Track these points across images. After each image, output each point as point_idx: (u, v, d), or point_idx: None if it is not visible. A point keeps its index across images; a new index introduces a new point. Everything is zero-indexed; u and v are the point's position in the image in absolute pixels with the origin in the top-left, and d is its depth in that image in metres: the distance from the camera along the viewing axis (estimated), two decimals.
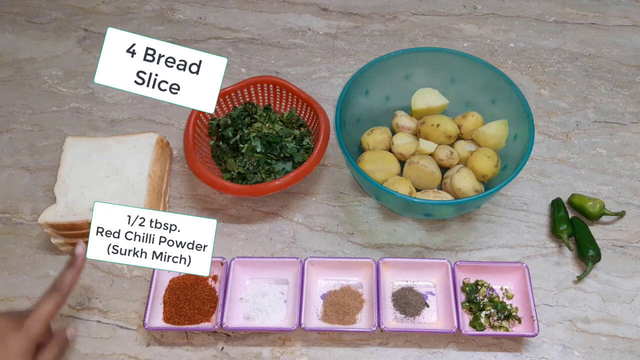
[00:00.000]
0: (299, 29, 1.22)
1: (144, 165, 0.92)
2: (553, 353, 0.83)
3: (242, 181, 0.94)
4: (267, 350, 0.83)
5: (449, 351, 0.83)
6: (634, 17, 1.23)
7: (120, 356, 0.83)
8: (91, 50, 1.19)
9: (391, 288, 0.87)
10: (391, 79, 0.98)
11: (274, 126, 0.97)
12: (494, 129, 0.94)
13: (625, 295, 0.88)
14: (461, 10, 1.25)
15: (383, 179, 0.92)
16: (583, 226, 0.92)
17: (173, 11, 1.26)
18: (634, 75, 1.14)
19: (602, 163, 1.02)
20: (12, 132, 1.07)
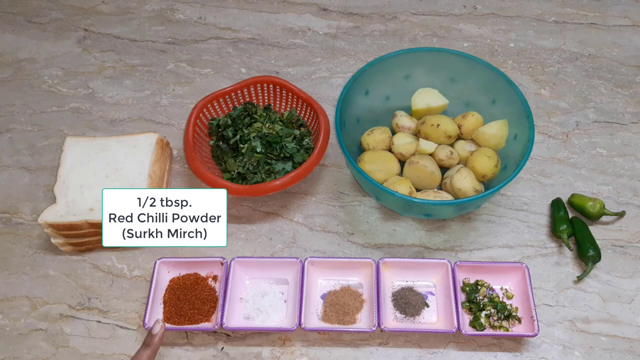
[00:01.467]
0: (299, 29, 1.22)
1: (144, 165, 0.92)
2: (553, 353, 0.83)
3: (242, 181, 0.94)
4: (267, 350, 0.83)
5: (449, 351, 0.83)
6: (634, 17, 1.23)
7: (120, 356, 0.83)
8: (91, 50, 1.19)
9: (391, 288, 0.87)
10: (391, 79, 0.98)
11: (274, 126, 0.97)
12: (494, 129, 0.94)
13: (625, 295, 0.88)
14: (461, 10, 1.25)
15: (383, 179, 0.92)
16: (583, 226, 0.92)
17: (173, 11, 1.26)
18: (634, 75, 1.14)
19: (602, 163, 1.02)
20: (12, 132, 1.07)
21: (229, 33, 1.22)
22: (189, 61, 1.17)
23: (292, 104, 1.02)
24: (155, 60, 1.17)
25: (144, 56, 1.18)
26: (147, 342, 0.72)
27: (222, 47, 1.19)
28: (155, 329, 0.72)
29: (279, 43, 1.20)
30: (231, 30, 1.23)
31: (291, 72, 1.15)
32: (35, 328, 0.86)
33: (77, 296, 0.88)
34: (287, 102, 1.03)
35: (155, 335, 0.72)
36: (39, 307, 0.87)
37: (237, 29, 1.23)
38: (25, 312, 0.87)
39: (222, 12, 1.26)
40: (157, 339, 0.72)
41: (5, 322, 0.86)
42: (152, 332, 0.72)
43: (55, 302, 0.88)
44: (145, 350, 0.71)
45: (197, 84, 1.14)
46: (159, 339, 0.72)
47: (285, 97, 1.02)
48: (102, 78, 1.15)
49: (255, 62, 1.17)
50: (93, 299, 0.88)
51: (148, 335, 0.73)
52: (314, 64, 1.16)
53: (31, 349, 0.84)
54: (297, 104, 1.01)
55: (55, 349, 0.84)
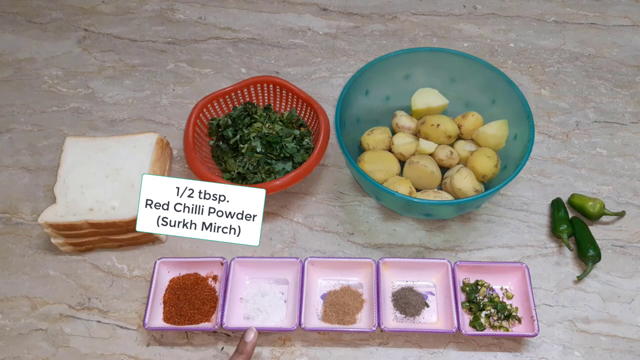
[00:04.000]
0: (299, 29, 1.22)
1: (144, 165, 0.92)
2: (553, 353, 0.83)
3: (242, 181, 0.94)
4: (267, 350, 0.83)
5: (449, 351, 0.83)
6: (634, 17, 1.23)
7: (120, 356, 0.83)
8: (91, 50, 1.19)
9: (391, 288, 0.87)
10: (391, 79, 0.98)
11: (274, 126, 0.97)
12: (494, 129, 0.94)
13: (625, 295, 0.88)
14: (461, 10, 1.25)
15: (383, 179, 0.92)
16: (583, 226, 0.92)
17: (173, 11, 1.26)
18: (634, 75, 1.13)
19: (602, 163, 1.02)
20: (12, 132, 1.07)
21: (229, 33, 1.22)
22: (189, 61, 1.17)
23: (292, 104, 1.02)
24: (155, 60, 1.17)
25: (144, 56, 1.18)
26: (240, 349, 0.73)
27: (222, 47, 1.19)
28: (249, 336, 0.73)
29: (279, 43, 1.20)
30: (231, 30, 1.23)
31: (291, 72, 1.15)
32: (35, 328, 0.86)
33: (77, 296, 0.88)
34: (287, 102, 1.03)
35: (248, 342, 0.73)
36: (39, 307, 0.88)
37: (237, 29, 1.23)
38: (25, 312, 0.87)
39: (222, 12, 1.26)
40: (249, 346, 0.73)
41: (5, 322, 0.86)
42: (245, 339, 0.73)
43: (55, 302, 0.88)
44: (238, 358, 0.73)
45: (197, 84, 1.14)
46: (251, 346, 0.73)
47: (285, 97, 1.02)
48: (102, 78, 1.15)
49: (255, 62, 1.17)
50: (93, 299, 0.88)
51: (241, 343, 0.73)
52: (314, 64, 1.16)
53: (31, 349, 0.84)
54: (297, 104, 1.01)
55: (55, 349, 0.84)
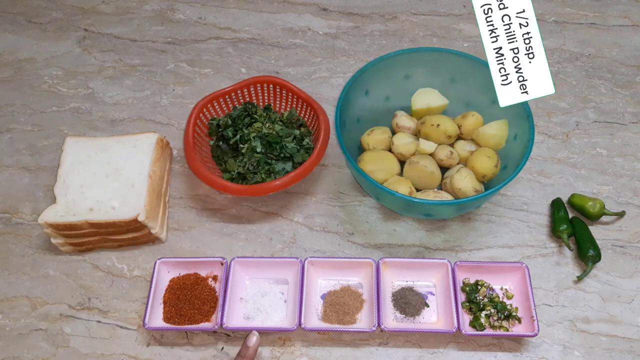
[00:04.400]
0: (299, 29, 1.22)
1: (144, 165, 0.92)
2: (553, 353, 0.83)
3: (242, 181, 0.94)
4: (267, 350, 0.83)
5: (449, 351, 0.83)
6: (634, 17, 1.23)
7: (120, 356, 0.83)
8: (91, 50, 1.19)
9: (391, 288, 0.87)
10: (391, 79, 0.98)
11: (274, 126, 0.97)
12: (494, 129, 0.94)
13: (625, 295, 0.88)
14: (461, 10, 1.25)
15: (383, 179, 0.92)
16: (583, 226, 0.92)
17: (173, 11, 1.26)
18: (634, 75, 1.13)
19: (602, 163, 1.02)
20: (12, 132, 1.07)
21: (229, 33, 1.22)
22: (189, 61, 1.17)
23: (292, 104, 1.02)
24: (155, 60, 1.17)
25: (144, 56, 1.18)
26: (242, 353, 0.74)
27: (222, 47, 1.19)
28: (251, 340, 0.74)
29: (279, 43, 1.20)
30: (231, 30, 1.23)
31: (291, 72, 1.15)
32: (35, 328, 0.86)
33: (77, 296, 0.88)
34: (287, 102, 1.03)
35: (250, 347, 0.74)
36: (39, 307, 0.88)
37: (237, 29, 1.23)
38: (25, 312, 0.87)
39: (222, 12, 1.26)
40: (252, 350, 0.74)
41: (5, 322, 0.86)
42: (248, 343, 0.74)
43: (55, 302, 0.88)
44: None
45: (197, 84, 1.14)
46: (253, 350, 0.74)
47: (285, 97, 1.02)
48: (102, 78, 1.15)
49: (255, 62, 1.17)
50: (93, 299, 0.88)
51: (244, 347, 0.74)
52: (314, 64, 1.16)
53: (31, 349, 0.84)
54: (297, 104, 1.01)
55: (55, 349, 0.84)
